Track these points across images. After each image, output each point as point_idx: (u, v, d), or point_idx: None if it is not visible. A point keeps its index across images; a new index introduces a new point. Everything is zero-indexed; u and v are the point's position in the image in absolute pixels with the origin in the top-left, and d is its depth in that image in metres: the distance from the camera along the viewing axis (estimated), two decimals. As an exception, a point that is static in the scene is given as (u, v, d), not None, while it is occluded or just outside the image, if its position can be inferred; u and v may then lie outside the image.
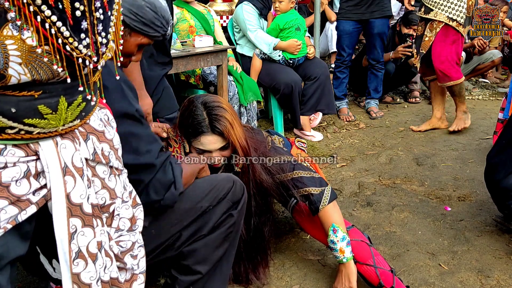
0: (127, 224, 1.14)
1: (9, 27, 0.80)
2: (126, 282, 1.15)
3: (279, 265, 1.96)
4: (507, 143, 1.99)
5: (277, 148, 1.85)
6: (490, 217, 2.31)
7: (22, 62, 0.83)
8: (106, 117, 1.13)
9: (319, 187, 1.76)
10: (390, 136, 3.67)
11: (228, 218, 1.42)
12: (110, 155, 1.10)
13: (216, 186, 1.42)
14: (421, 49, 3.48)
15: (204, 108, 1.63)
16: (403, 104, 4.66)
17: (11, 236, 0.93)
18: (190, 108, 1.66)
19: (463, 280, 1.85)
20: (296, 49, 3.44)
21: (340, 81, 4.16)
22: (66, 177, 0.96)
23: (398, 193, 2.65)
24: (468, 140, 3.53)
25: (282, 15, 3.45)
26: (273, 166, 1.76)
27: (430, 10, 3.38)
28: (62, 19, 0.83)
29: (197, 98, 1.69)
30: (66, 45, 0.85)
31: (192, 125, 1.63)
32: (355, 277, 1.70)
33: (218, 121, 1.61)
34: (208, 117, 1.62)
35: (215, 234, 1.42)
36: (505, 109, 2.82)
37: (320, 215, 1.76)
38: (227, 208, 1.42)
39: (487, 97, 4.95)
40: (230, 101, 3.16)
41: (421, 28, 3.49)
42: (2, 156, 0.89)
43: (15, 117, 0.87)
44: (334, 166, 3.07)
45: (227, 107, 1.66)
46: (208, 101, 1.66)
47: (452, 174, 2.89)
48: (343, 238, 1.71)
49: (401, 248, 2.07)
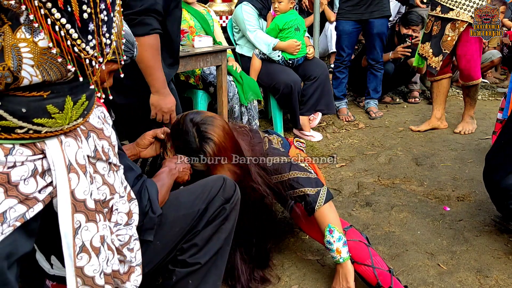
0: (124, 218, 1.18)
1: (22, 30, 0.83)
2: (125, 274, 1.18)
3: (278, 265, 1.96)
4: (505, 143, 1.99)
5: (274, 149, 1.85)
6: (489, 217, 2.32)
7: (34, 64, 0.85)
8: (102, 114, 1.17)
9: (315, 188, 1.76)
10: (390, 136, 3.68)
11: (221, 211, 1.46)
12: (109, 151, 1.13)
13: (206, 186, 1.46)
14: (444, 49, 3.44)
15: (195, 135, 1.60)
16: (402, 104, 4.66)
17: (19, 234, 0.96)
18: (180, 126, 1.63)
19: (462, 280, 1.85)
20: (295, 49, 3.44)
21: (340, 81, 4.16)
22: (70, 174, 0.99)
23: (397, 193, 2.65)
24: (467, 140, 3.53)
25: (281, 16, 3.45)
26: (269, 167, 1.76)
27: (449, 10, 3.35)
28: (71, 22, 0.86)
29: (189, 115, 1.64)
30: (74, 47, 0.89)
31: (183, 143, 1.62)
32: (352, 277, 1.70)
33: (206, 156, 1.58)
34: (200, 145, 1.58)
35: (209, 227, 1.45)
36: (504, 109, 2.83)
37: (316, 216, 1.76)
38: (220, 204, 1.46)
39: (486, 97, 4.96)
40: (230, 101, 3.17)
41: (436, 28, 3.46)
42: (11, 156, 0.91)
43: (25, 117, 0.89)
44: (333, 166, 3.07)
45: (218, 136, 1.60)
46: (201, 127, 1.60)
47: (451, 174, 2.89)
48: (339, 238, 1.71)
49: (400, 248, 2.08)
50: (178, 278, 1.46)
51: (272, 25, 3.48)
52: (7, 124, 0.88)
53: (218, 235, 1.48)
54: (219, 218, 1.46)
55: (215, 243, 1.47)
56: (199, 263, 1.45)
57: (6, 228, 0.91)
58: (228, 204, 1.48)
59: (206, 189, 1.46)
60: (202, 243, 1.45)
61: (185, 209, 1.42)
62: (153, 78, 1.93)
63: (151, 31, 1.86)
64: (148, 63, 1.90)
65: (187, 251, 1.45)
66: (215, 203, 1.45)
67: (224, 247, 1.51)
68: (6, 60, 0.82)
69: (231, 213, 1.49)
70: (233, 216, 1.51)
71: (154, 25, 1.88)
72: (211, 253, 1.47)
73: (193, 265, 1.45)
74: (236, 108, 3.24)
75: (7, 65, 0.82)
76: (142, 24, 1.85)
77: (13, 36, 0.82)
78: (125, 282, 1.18)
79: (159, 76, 1.93)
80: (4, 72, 0.82)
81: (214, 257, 1.48)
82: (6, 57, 0.82)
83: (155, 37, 1.90)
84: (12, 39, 0.82)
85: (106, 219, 1.11)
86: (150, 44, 1.88)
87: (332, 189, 2.71)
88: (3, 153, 0.90)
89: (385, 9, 3.95)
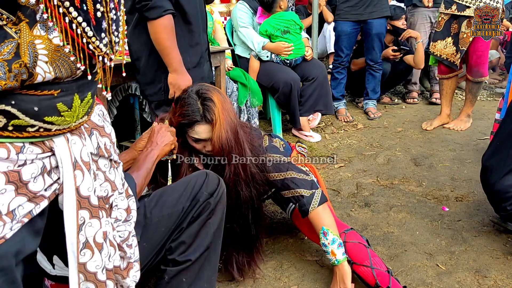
0: (124, 214, 1.20)
1: (38, 27, 0.86)
2: (124, 270, 1.20)
3: (277, 266, 1.96)
4: (500, 145, 1.99)
5: (273, 147, 1.86)
6: (487, 217, 2.32)
7: (48, 61, 0.88)
8: (101, 112, 1.19)
9: (310, 190, 1.77)
10: (388, 136, 3.68)
11: (206, 206, 1.46)
12: (111, 148, 1.16)
13: (189, 183, 1.47)
14: (461, 46, 3.55)
15: (197, 98, 1.67)
16: (401, 104, 4.67)
17: (27, 233, 0.98)
18: (185, 98, 1.70)
19: (461, 280, 1.85)
20: (283, 51, 3.43)
21: (338, 82, 4.16)
22: (75, 171, 1.01)
23: (396, 193, 2.65)
24: (465, 140, 3.54)
25: (267, 20, 3.45)
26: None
27: (465, 7, 3.45)
28: (86, 20, 0.89)
29: (192, 88, 1.73)
30: (89, 44, 0.92)
31: (187, 114, 1.66)
32: (349, 279, 1.70)
33: (209, 111, 1.65)
34: (202, 106, 1.66)
35: (195, 224, 1.45)
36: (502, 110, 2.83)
37: (310, 218, 1.77)
38: (204, 199, 1.45)
39: (485, 97, 4.97)
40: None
41: (457, 26, 3.55)
42: (22, 154, 0.93)
43: (37, 115, 0.91)
44: (332, 167, 3.08)
45: (218, 97, 1.68)
46: (202, 91, 1.69)
47: (450, 174, 2.90)
48: (333, 240, 1.71)
49: (398, 249, 2.08)
50: (170, 277, 1.46)
51: (261, 28, 3.47)
52: (20, 122, 0.90)
53: (206, 230, 1.47)
54: (205, 213, 1.45)
55: (204, 238, 1.47)
56: (190, 260, 1.45)
57: (15, 224, 0.93)
58: (212, 198, 1.46)
59: (189, 186, 1.45)
60: (189, 240, 1.45)
61: (169, 208, 1.42)
62: (170, 57, 2.01)
63: (163, 13, 1.94)
64: (165, 44, 1.99)
65: (176, 250, 1.45)
66: (199, 199, 1.44)
67: (215, 241, 1.51)
68: (22, 57, 0.84)
69: (216, 206, 1.48)
70: (220, 210, 1.50)
71: (165, 7, 1.95)
72: (202, 249, 1.47)
73: (184, 263, 1.46)
74: (235, 106, 3.25)
75: (24, 62, 0.85)
76: (154, 7, 1.92)
77: (30, 33, 0.85)
78: (125, 278, 1.20)
79: (175, 56, 2.01)
80: (21, 69, 0.85)
81: (205, 252, 1.48)
82: (22, 53, 0.85)
83: (169, 17, 1.97)
84: (29, 36, 0.85)
85: (108, 215, 1.13)
86: (164, 25, 1.95)
87: (331, 190, 2.72)
88: (15, 151, 0.92)
89: (384, 10, 3.95)
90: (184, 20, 2.09)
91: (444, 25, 3.61)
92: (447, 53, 3.63)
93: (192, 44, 2.16)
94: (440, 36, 3.65)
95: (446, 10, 3.58)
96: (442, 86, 3.82)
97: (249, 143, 1.75)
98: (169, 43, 1.98)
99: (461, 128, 3.75)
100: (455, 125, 3.79)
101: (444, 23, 3.61)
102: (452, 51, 3.61)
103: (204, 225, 1.46)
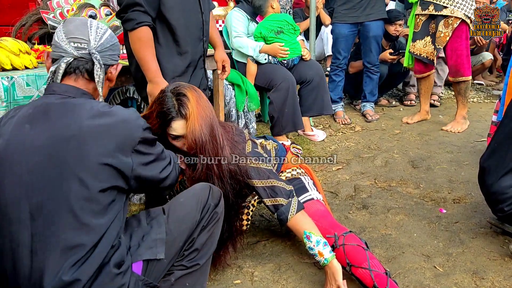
0: None
1: None
2: None
3: (275, 268, 1.97)
4: (497, 146, 2.01)
5: (256, 153, 1.88)
6: (484, 219, 2.32)
7: None
8: None
9: (287, 199, 1.81)
10: (386, 139, 3.69)
11: (214, 215, 1.58)
12: None
13: (198, 197, 1.56)
14: (438, 44, 3.68)
15: (172, 95, 1.70)
16: (398, 107, 4.68)
17: None
18: (160, 97, 1.72)
19: (458, 282, 1.86)
20: (279, 52, 3.42)
21: (336, 84, 4.17)
22: None
23: (393, 195, 2.66)
24: (463, 142, 3.55)
25: (260, 23, 3.46)
26: (248, 170, 1.79)
27: (443, 8, 3.59)
28: None
29: (168, 87, 1.76)
30: None
31: (163, 112, 1.69)
32: (340, 275, 1.70)
33: (183, 106, 1.68)
34: (177, 102, 1.69)
35: (204, 232, 1.55)
36: (498, 112, 2.84)
37: (290, 225, 1.80)
38: (212, 209, 1.57)
39: (482, 99, 4.99)
40: (227, 105, 3.17)
41: (434, 26, 3.68)
42: None
43: None
44: (330, 169, 3.08)
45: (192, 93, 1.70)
46: (177, 88, 1.72)
47: (447, 176, 2.91)
48: (317, 241, 1.73)
49: (396, 251, 2.08)
50: (176, 279, 1.52)
51: (255, 32, 3.48)
52: None
53: (212, 238, 1.59)
54: (212, 222, 1.57)
55: (211, 245, 1.59)
56: (198, 264, 1.53)
57: None
58: (217, 208, 1.59)
59: (199, 199, 1.55)
60: (200, 247, 1.54)
61: (186, 222, 1.51)
62: (145, 68, 2.05)
63: (136, 25, 1.98)
64: (138, 55, 2.03)
65: (187, 257, 1.52)
66: (207, 210, 1.56)
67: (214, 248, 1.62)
68: None
69: (221, 215, 1.62)
70: (222, 218, 1.63)
71: (138, 19, 1.98)
72: (208, 255, 1.58)
73: (192, 267, 1.53)
74: (233, 111, 3.25)
75: None
76: (128, 20, 1.99)
77: None
78: None
79: (150, 67, 2.04)
80: None
81: (209, 258, 1.59)
82: None
83: (143, 29, 2.00)
84: None
85: None
86: (137, 37, 2.00)
87: (329, 192, 2.72)
88: None
89: (381, 12, 3.97)
90: (169, 30, 2.11)
91: (422, 25, 3.76)
92: (427, 51, 3.77)
93: (180, 52, 2.17)
94: (419, 36, 3.79)
95: (423, 11, 3.73)
96: (421, 85, 3.98)
97: (230, 141, 1.78)
98: (143, 54, 2.01)
99: (458, 130, 3.78)
100: (452, 127, 3.82)
101: (422, 23, 3.76)
102: (431, 50, 3.74)
103: (212, 233, 1.57)
